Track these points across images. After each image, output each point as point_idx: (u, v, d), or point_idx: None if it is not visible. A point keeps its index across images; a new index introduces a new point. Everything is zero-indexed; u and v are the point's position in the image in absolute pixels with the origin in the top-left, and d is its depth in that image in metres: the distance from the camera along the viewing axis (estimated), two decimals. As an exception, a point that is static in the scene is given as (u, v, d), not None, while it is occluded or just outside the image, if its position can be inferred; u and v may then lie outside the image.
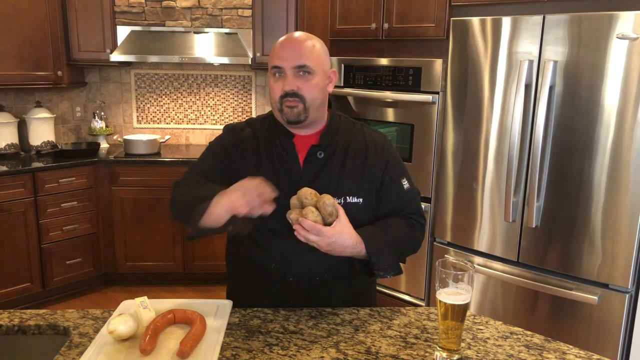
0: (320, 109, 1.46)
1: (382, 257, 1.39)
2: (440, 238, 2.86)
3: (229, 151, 1.51)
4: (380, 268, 1.39)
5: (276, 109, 1.44)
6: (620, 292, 2.24)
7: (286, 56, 1.39)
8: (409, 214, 1.53)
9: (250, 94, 4.28)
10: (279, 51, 1.41)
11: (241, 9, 3.78)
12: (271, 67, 1.42)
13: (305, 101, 1.40)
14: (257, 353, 1.21)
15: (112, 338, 1.20)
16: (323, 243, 1.30)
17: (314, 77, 1.41)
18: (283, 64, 1.39)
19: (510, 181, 2.47)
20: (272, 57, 1.42)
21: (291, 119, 1.42)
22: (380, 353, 1.22)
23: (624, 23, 2.11)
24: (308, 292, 1.46)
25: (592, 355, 1.23)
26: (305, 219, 1.28)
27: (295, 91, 1.39)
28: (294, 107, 1.40)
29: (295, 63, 1.39)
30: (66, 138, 4.15)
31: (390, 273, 1.41)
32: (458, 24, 2.63)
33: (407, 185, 1.53)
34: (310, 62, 1.39)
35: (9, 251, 3.29)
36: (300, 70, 1.39)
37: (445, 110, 2.76)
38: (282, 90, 1.40)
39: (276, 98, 1.42)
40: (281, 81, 1.40)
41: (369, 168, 1.48)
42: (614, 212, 2.22)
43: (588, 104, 2.24)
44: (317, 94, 1.42)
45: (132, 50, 3.67)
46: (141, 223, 3.70)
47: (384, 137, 1.57)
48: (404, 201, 1.52)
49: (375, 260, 1.38)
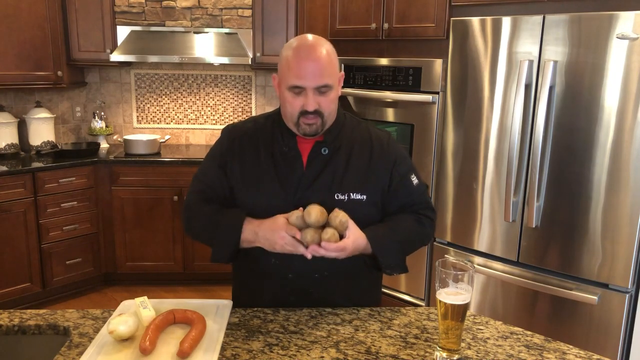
0: (333, 117, 1.47)
1: (389, 256, 1.42)
2: (440, 238, 2.86)
3: (226, 154, 1.51)
4: (387, 266, 1.43)
5: (291, 122, 1.43)
6: (620, 292, 2.24)
7: (309, 76, 1.35)
8: (419, 209, 1.53)
9: (250, 94, 4.28)
10: (298, 70, 1.36)
11: (241, 9, 3.78)
12: (289, 86, 1.38)
13: (324, 116, 1.41)
14: (257, 353, 1.21)
15: (112, 338, 1.20)
16: (344, 255, 1.33)
17: (332, 91, 1.40)
18: (307, 83, 1.36)
19: (510, 181, 2.47)
20: (290, 75, 1.37)
21: (309, 134, 1.42)
22: (380, 353, 1.22)
23: (624, 23, 2.11)
24: (308, 288, 1.47)
25: (592, 355, 1.23)
26: (330, 244, 1.30)
27: (315, 109, 1.38)
28: (313, 123, 1.40)
29: (318, 84, 1.36)
30: (66, 138, 4.15)
31: (397, 271, 1.45)
32: (458, 24, 2.63)
33: (416, 181, 1.54)
34: (330, 80, 1.38)
35: (9, 251, 3.29)
36: (320, 89, 1.38)
37: (445, 110, 2.76)
38: (301, 108, 1.38)
39: (295, 113, 1.40)
40: (301, 98, 1.38)
41: (374, 165, 1.48)
42: (614, 212, 2.22)
43: (588, 104, 2.24)
44: (334, 106, 1.44)
45: (132, 50, 3.67)
46: (141, 223, 3.70)
47: (388, 134, 1.58)
48: (414, 197, 1.53)
49: (382, 259, 1.41)
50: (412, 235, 1.50)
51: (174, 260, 3.77)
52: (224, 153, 1.52)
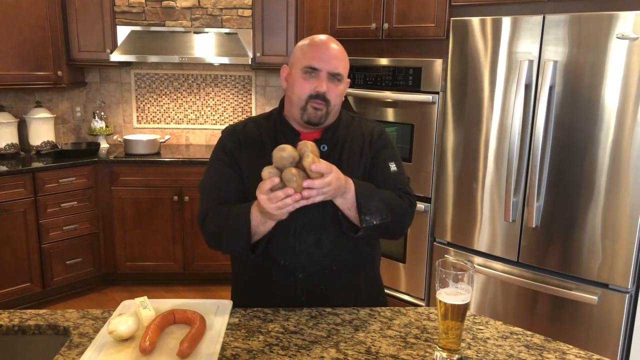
0: (335, 114, 1.50)
1: (370, 201, 1.35)
2: (440, 238, 2.86)
3: (233, 153, 1.49)
4: (367, 211, 1.34)
5: (298, 107, 1.44)
6: (620, 292, 2.24)
7: (325, 59, 1.41)
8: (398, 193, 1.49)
9: (250, 94, 4.28)
10: (317, 52, 1.42)
11: (241, 9, 3.78)
12: (305, 66, 1.42)
13: (330, 105, 1.43)
14: (257, 353, 1.21)
15: (112, 338, 1.20)
16: (331, 189, 1.24)
17: (341, 84, 1.46)
18: (321, 66, 1.41)
19: (510, 181, 2.47)
20: (305, 56, 1.43)
21: (314, 120, 1.43)
22: (380, 353, 1.22)
23: (624, 23, 2.11)
24: (319, 286, 1.47)
25: (592, 355, 1.22)
26: (319, 165, 1.20)
27: (325, 94, 1.41)
28: (320, 109, 1.42)
29: (332, 69, 1.42)
30: (66, 138, 4.15)
31: (377, 218, 1.35)
32: (458, 24, 2.63)
33: (394, 169, 1.51)
34: (343, 71, 1.45)
35: (9, 251, 3.29)
36: (333, 77, 1.43)
37: (445, 110, 2.76)
38: (313, 90, 1.41)
39: (303, 96, 1.42)
40: (313, 81, 1.41)
41: (364, 155, 1.50)
42: (614, 212, 2.22)
43: (588, 104, 2.24)
44: (339, 100, 1.47)
45: (132, 50, 3.67)
46: (141, 223, 3.70)
47: (380, 126, 1.59)
48: (390, 182, 1.48)
49: (362, 200, 1.34)
50: (392, 198, 1.43)
51: (174, 260, 3.77)
52: (231, 152, 1.50)
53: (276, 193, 1.21)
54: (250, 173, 1.46)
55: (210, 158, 1.55)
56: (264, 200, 1.23)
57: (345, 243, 1.46)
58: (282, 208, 1.23)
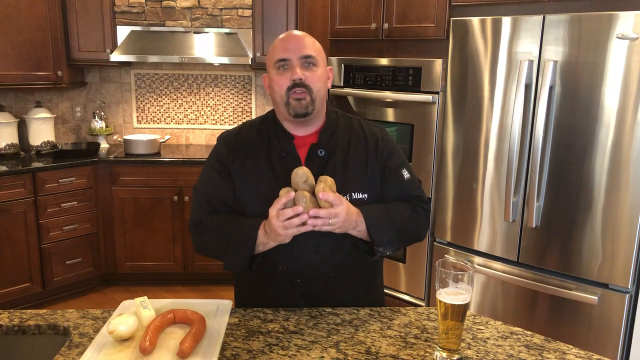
0: (323, 103, 1.47)
1: (381, 231, 1.38)
2: (440, 238, 2.86)
3: (227, 162, 1.48)
4: (380, 243, 1.38)
5: (282, 104, 1.42)
6: (620, 292, 2.24)
7: (292, 47, 1.40)
8: (412, 202, 1.52)
9: (250, 94, 4.28)
10: (282, 44, 1.42)
11: (241, 9, 3.78)
12: (275, 62, 1.41)
13: (312, 92, 1.40)
14: (257, 353, 1.21)
15: (112, 338, 1.20)
16: (339, 221, 1.28)
17: (318, 68, 1.43)
18: (290, 55, 1.40)
19: (510, 181, 2.47)
20: (274, 52, 1.43)
21: (299, 112, 1.40)
22: (380, 353, 1.22)
23: (624, 23, 2.11)
24: (317, 291, 1.46)
25: (592, 355, 1.23)
26: (328, 193, 1.23)
27: (302, 81, 1.39)
28: (302, 99, 1.39)
29: (302, 53, 1.40)
30: (66, 138, 4.15)
31: (390, 248, 1.40)
32: (458, 24, 2.63)
33: (408, 175, 1.53)
34: (314, 54, 1.42)
35: (9, 251, 3.29)
36: (305, 61, 1.41)
37: (445, 110, 2.76)
38: (289, 81, 1.39)
39: (282, 92, 1.41)
40: (287, 73, 1.40)
41: (371, 162, 1.48)
42: (614, 212, 2.22)
43: (588, 104, 2.24)
44: (321, 85, 1.44)
45: (132, 50, 3.67)
46: (141, 223, 3.70)
47: (382, 129, 1.58)
48: (405, 191, 1.52)
49: (374, 234, 1.37)
50: (405, 218, 1.47)
51: (174, 260, 3.77)
52: (224, 160, 1.49)
53: (285, 210, 1.24)
54: (241, 182, 1.45)
55: (206, 162, 1.55)
56: (273, 217, 1.26)
57: (344, 249, 1.45)
58: (288, 228, 1.26)
